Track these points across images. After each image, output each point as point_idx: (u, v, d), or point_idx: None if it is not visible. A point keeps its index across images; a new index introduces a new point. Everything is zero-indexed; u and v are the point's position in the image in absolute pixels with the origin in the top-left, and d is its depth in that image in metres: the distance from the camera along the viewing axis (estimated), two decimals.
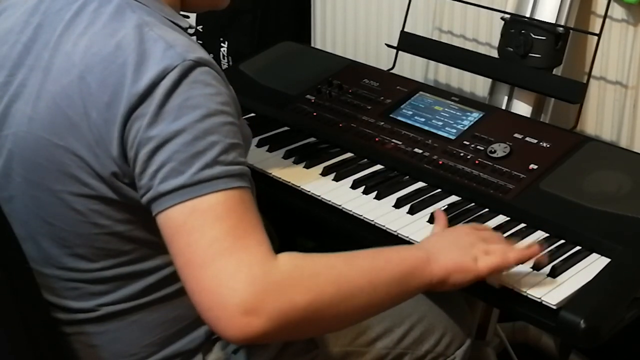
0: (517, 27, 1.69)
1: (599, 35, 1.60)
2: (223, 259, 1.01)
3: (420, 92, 1.69)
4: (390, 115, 1.64)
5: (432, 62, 2.03)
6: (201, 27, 2.22)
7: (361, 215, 1.40)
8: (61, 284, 1.20)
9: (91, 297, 1.19)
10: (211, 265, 1.01)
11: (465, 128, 1.56)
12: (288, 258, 1.05)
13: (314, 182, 1.50)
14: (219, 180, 1.04)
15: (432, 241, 1.22)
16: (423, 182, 1.49)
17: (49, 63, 1.14)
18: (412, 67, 2.07)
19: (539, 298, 1.17)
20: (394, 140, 1.57)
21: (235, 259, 1.01)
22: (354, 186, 1.47)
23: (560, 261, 1.24)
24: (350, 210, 1.41)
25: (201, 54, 1.11)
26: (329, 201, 1.44)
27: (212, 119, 1.06)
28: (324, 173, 1.52)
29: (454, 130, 1.57)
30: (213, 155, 1.05)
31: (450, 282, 1.17)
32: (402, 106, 1.66)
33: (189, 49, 1.10)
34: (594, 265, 1.25)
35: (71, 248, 1.17)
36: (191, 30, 1.22)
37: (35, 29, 1.18)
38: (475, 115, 1.59)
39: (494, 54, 1.78)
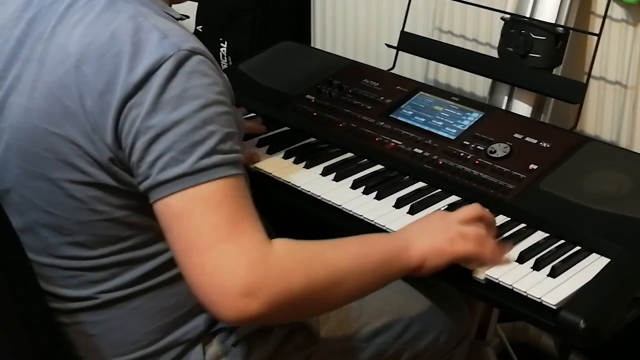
0: (517, 27, 1.69)
1: (598, 36, 1.60)
2: (224, 244, 1.04)
3: (420, 92, 1.69)
4: (390, 115, 1.64)
5: (432, 62, 2.03)
6: (201, 27, 2.22)
7: (361, 215, 1.40)
8: (60, 272, 1.21)
9: (90, 285, 1.21)
10: (213, 249, 1.04)
11: (465, 128, 1.56)
12: (282, 243, 1.09)
13: (314, 182, 1.50)
14: (218, 169, 1.07)
15: (409, 229, 1.26)
16: (423, 182, 1.48)
17: (43, 54, 1.15)
18: (412, 67, 2.07)
19: (539, 298, 1.17)
20: (394, 140, 1.57)
21: (236, 244, 1.04)
22: (354, 186, 1.47)
23: (560, 261, 1.24)
24: (351, 211, 1.41)
25: (195, 43, 1.13)
26: (329, 201, 1.44)
27: (210, 109, 1.09)
28: (324, 173, 1.52)
29: (454, 130, 1.57)
30: (212, 144, 1.07)
31: (427, 265, 1.20)
32: (402, 106, 1.66)
33: (183, 38, 1.12)
34: (593, 265, 1.24)
35: (71, 236, 1.18)
36: (192, 28, 1.24)
37: (28, 22, 1.19)
38: (475, 115, 1.59)
39: (494, 54, 1.78)
